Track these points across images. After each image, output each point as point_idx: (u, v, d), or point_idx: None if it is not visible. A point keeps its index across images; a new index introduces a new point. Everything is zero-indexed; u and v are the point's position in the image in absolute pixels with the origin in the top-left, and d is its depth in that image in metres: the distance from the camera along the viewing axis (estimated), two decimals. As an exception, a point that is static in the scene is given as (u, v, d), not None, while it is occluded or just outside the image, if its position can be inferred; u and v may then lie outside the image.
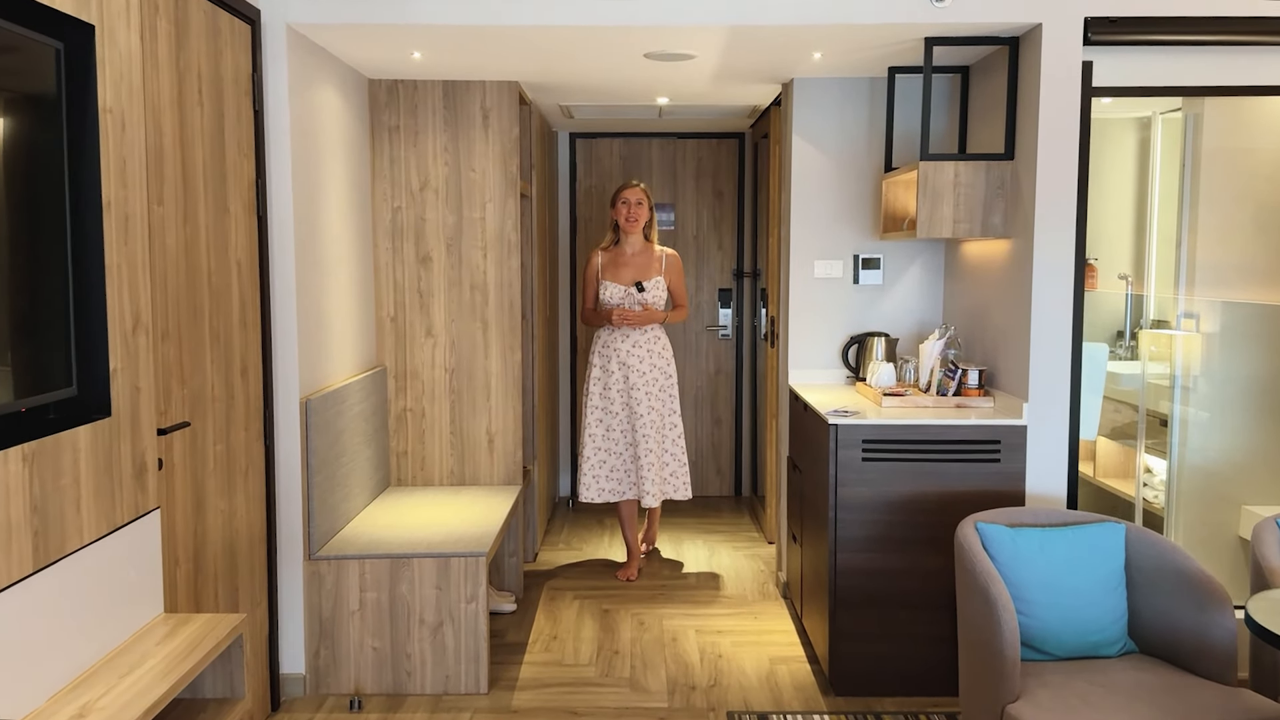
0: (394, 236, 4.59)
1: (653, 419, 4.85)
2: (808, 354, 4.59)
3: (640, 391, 4.84)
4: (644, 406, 4.84)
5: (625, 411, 4.88)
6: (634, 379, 4.85)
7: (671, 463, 4.97)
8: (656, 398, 4.88)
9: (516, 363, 4.67)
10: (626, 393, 4.86)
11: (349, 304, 4.20)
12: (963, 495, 3.61)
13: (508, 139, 4.59)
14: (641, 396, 4.84)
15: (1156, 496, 4.55)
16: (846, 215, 4.55)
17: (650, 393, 4.86)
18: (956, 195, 3.76)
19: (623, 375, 4.86)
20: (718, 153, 6.49)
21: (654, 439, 4.86)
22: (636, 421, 4.85)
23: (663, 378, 4.92)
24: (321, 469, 3.73)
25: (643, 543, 5.30)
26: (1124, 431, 4.81)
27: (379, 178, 4.57)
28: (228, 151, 3.18)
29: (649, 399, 4.84)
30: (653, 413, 4.85)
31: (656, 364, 4.89)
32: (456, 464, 4.70)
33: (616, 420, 4.89)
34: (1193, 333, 4.44)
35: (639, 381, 4.85)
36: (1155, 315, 4.70)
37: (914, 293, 4.57)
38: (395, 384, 4.66)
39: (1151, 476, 4.60)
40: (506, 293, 4.64)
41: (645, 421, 4.84)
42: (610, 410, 4.89)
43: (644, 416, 4.84)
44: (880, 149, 4.52)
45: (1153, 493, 4.57)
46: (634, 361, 4.85)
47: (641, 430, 4.84)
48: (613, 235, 5.00)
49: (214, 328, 3.08)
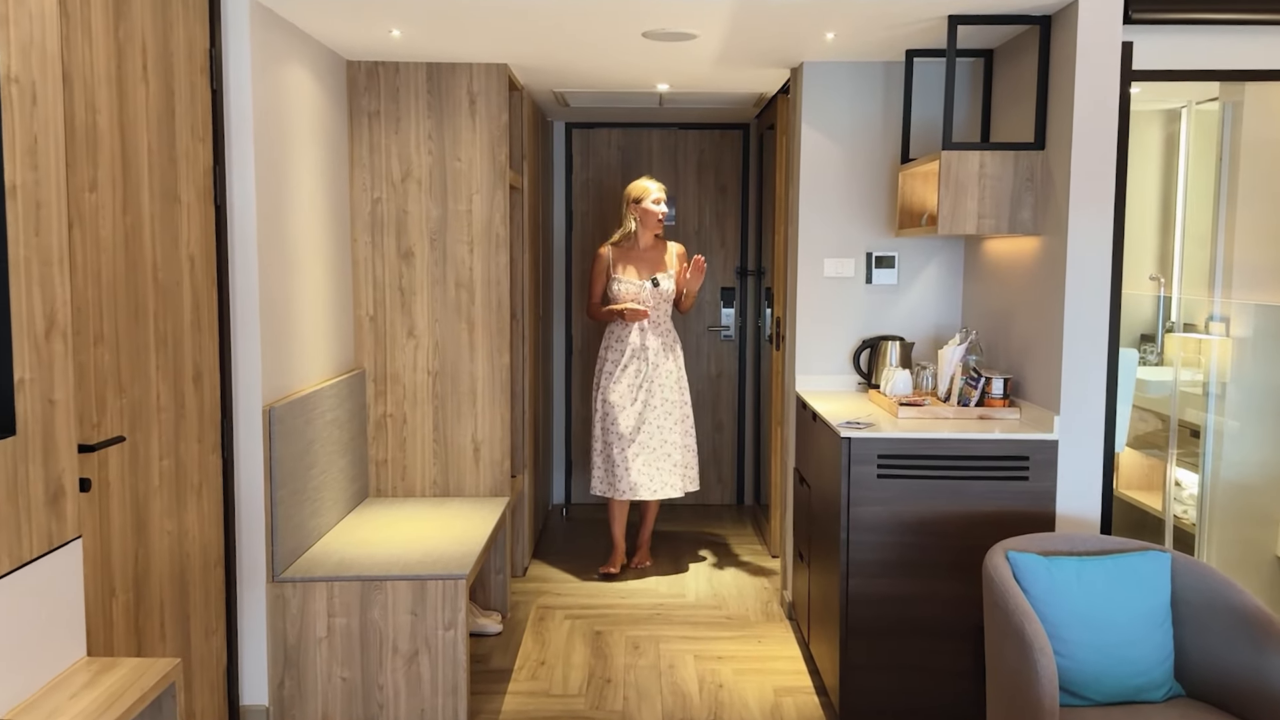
0: (373, 230, 4.29)
1: (669, 410, 4.84)
2: (816, 358, 4.28)
3: (656, 385, 4.83)
4: (658, 399, 4.83)
5: (639, 406, 4.82)
6: (649, 372, 4.82)
7: (686, 454, 4.95)
8: (672, 389, 4.86)
9: (505, 365, 4.36)
10: (640, 388, 4.82)
11: (323, 302, 3.89)
12: (987, 516, 3.30)
13: (496, 126, 4.27)
14: (657, 389, 4.82)
15: (1186, 512, 4.24)
16: (859, 210, 4.24)
17: (666, 385, 4.84)
18: (981, 188, 3.44)
19: (636, 369, 4.82)
20: (721, 145, 6.18)
21: (672, 432, 4.85)
22: (651, 414, 4.82)
23: (676, 370, 4.91)
24: (287, 482, 3.42)
25: (637, 558, 5.13)
26: (1149, 441, 4.50)
27: (357, 167, 4.26)
28: (179, 134, 2.87)
29: (664, 391, 4.83)
30: (668, 404, 4.84)
31: (669, 357, 4.88)
32: (440, 474, 4.39)
33: (626, 415, 4.81)
34: (1222, 337, 4.13)
35: (655, 375, 4.82)
36: (1182, 318, 4.39)
37: (931, 294, 4.26)
38: (374, 388, 4.35)
39: (1181, 490, 4.29)
40: (494, 291, 4.33)
41: (660, 413, 4.83)
42: (622, 406, 4.82)
43: (658, 409, 4.83)
44: (896, 139, 4.20)
45: (1182, 508, 4.27)
46: (648, 355, 4.83)
47: (659, 423, 4.82)
48: (630, 231, 4.89)
49: (161, 330, 2.77)
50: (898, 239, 4.23)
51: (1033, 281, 3.50)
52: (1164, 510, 4.29)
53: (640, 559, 5.09)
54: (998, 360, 3.81)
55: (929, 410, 3.58)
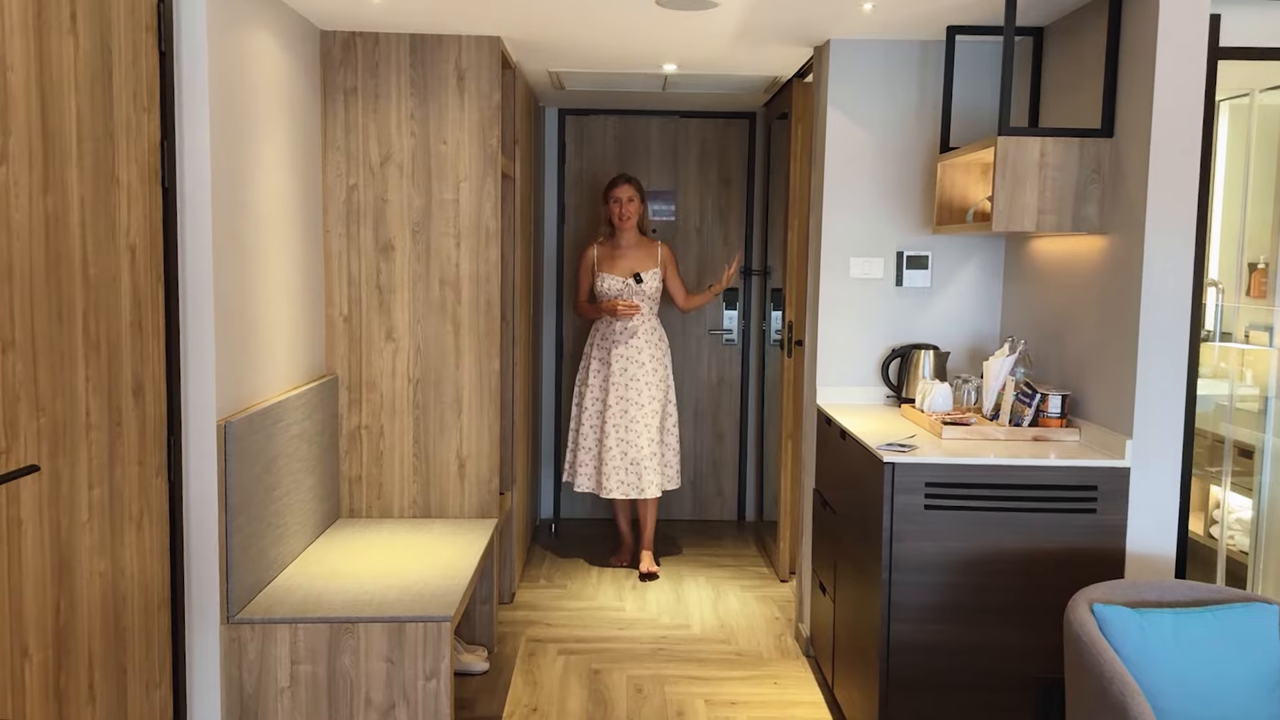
0: (348, 220, 3.83)
1: (653, 409, 4.78)
2: (840, 368, 3.87)
3: (640, 383, 4.76)
4: (644, 397, 4.76)
5: (623, 404, 4.77)
6: (634, 370, 4.76)
7: (667, 453, 4.90)
8: (656, 387, 4.80)
9: (494, 372, 3.92)
10: (625, 385, 4.76)
11: (290, 301, 3.44)
12: (1050, 554, 2.89)
13: (487, 106, 3.83)
14: (642, 388, 4.76)
15: (1234, 538, 3.87)
16: (890, 205, 3.82)
17: (650, 383, 4.78)
18: (1042, 179, 3.04)
19: (621, 368, 4.76)
20: (725, 135, 5.75)
21: (654, 430, 4.79)
22: (636, 412, 4.76)
23: (660, 369, 4.84)
24: (245, 507, 2.97)
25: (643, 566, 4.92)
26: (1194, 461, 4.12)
27: (331, 149, 3.81)
28: (118, 101, 2.42)
29: (649, 389, 4.77)
30: (654, 402, 4.78)
31: (655, 355, 4.82)
32: (420, 492, 3.95)
33: (612, 413, 4.77)
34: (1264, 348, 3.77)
35: (639, 373, 4.76)
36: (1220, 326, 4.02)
37: (967, 298, 3.85)
38: (348, 396, 3.90)
39: (1230, 516, 3.92)
40: (483, 289, 3.89)
41: (646, 412, 4.76)
42: (607, 403, 4.78)
43: (644, 407, 4.76)
44: (931, 126, 3.80)
45: (1232, 535, 3.89)
46: (633, 354, 4.77)
47: (643, 421, 4.76)
48: (607, 229, 4.94)
49: (92, 333, 2.32)
50: (930, 237, 3.82)
51: (1096, 286, 3.09)
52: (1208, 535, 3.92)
53: (646, 566, 4.89)
54: (1049, 374, 3.40)
55: (977, 430, 3.17)
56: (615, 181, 4.86)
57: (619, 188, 4.83)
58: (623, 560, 5.01)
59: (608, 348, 4.80)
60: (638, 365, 4.77)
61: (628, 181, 4.84)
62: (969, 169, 3.54)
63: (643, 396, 4.76)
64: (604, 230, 4.97)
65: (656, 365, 4.82)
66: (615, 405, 4.76)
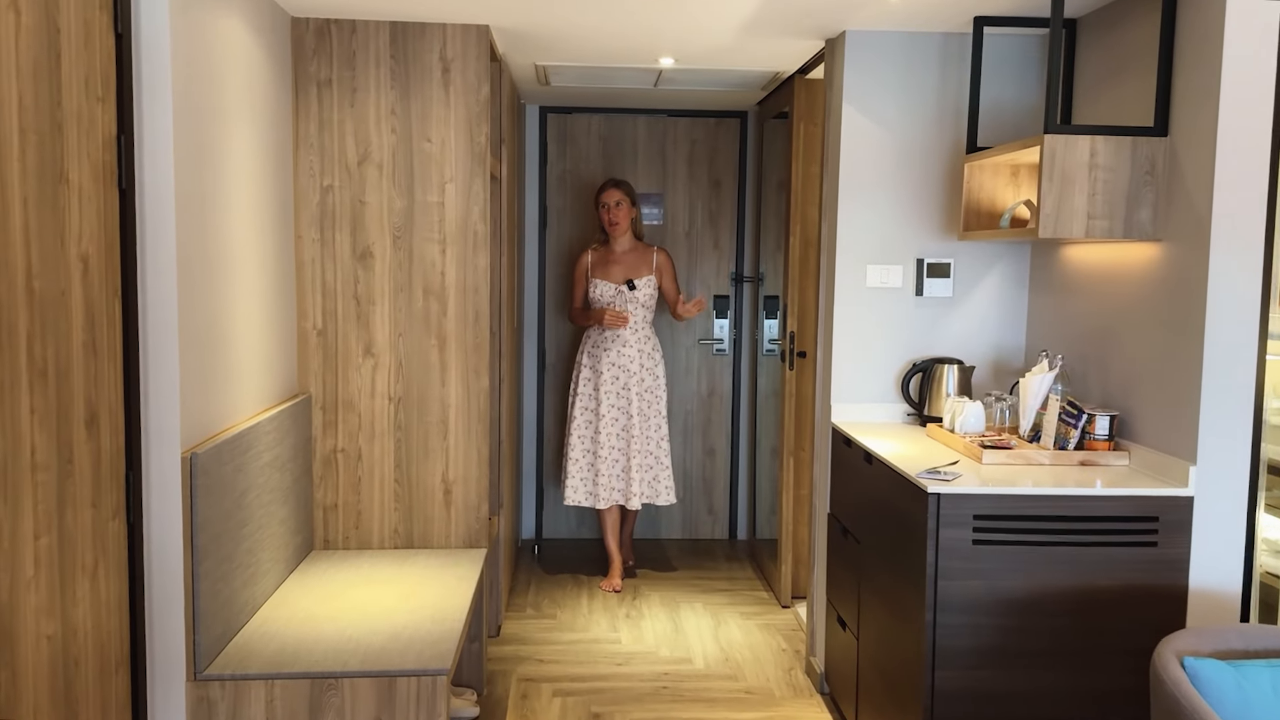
0: (323, 225, 3.51)
1: (643, 419, 4.69)
2: (856, 383, 3.61)
3: (632, 392, 4.66)
4: (635, 408, 4.67)
5: (615, 413, 4.68)
6: (625, 379, 4.67)
7: (655, 465, 4.77)
8: (646, 399, 4.70)
9: (483, 390, 3.61)
10: (616, 394, 4.67)
11: (259, 314, 3.11)
12: (1107, 592, 2.64)
13: (475, 100, 3.53)
14: (633, 397, 4.66)
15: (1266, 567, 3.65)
16: (910, 208, 3.57)
17: (641, 394, 4.68)
18: (1093, 182, 2.79)
19: (613, 376, 4.67)
20: (716, 135, 5.48)
21: (645, 440, 4.72)
22: (628, 423, 4.67)
23: (650, 379, 4.73)
24: (214, 549, 2.64)
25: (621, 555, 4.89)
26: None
27: (304, 147, 3.48)
28: (67, 89, 2.09)
29: (640, 399, 4.68)
30: (643, 413, 4.69)
31: (646, 365, 4.71)
32: (402, 521, 3.63)
33: (605, 423, 4.67)
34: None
35: (631, 382, 4.67)
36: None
37: (990, 309, 3.61)
38: (323, 417, 3.57)
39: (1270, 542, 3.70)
40: (471, 300, 3.58)
41: (636, 423, 4.68)
42: (599, 412, 4.67)
43: (634, 418, 4.67)
44: (954, 124, 3.55)
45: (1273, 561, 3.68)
46: (625, 362, 4.67)
47: (633, 432, 4.68)
48: (601, 235, 4.81)
49: (37, 357, 1.99)
50: (953, 243, 3.57)
51: (1149, 298, 2.85)
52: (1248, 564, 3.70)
53: (625, 555, 4.95)
54: (1089, 392, 3.16)
55: (1020, 454, 2.92)
56: (604, 186, 4.73)
57: (606, 192, 4.70)
58: (614, 585, 4.75)
59: (599, 355, 4.69)
60: (628, 374, 4.66)
61: (616, 186, 4.70)
62: (998, 171, 3.30)
63: (632, 406, 4.65)
64: (598, 236, 4.84)
65: (646, 374, 4.70)
66: (607, 414, 4.66)
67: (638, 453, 4.69)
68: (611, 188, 4.69)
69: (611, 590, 4.72)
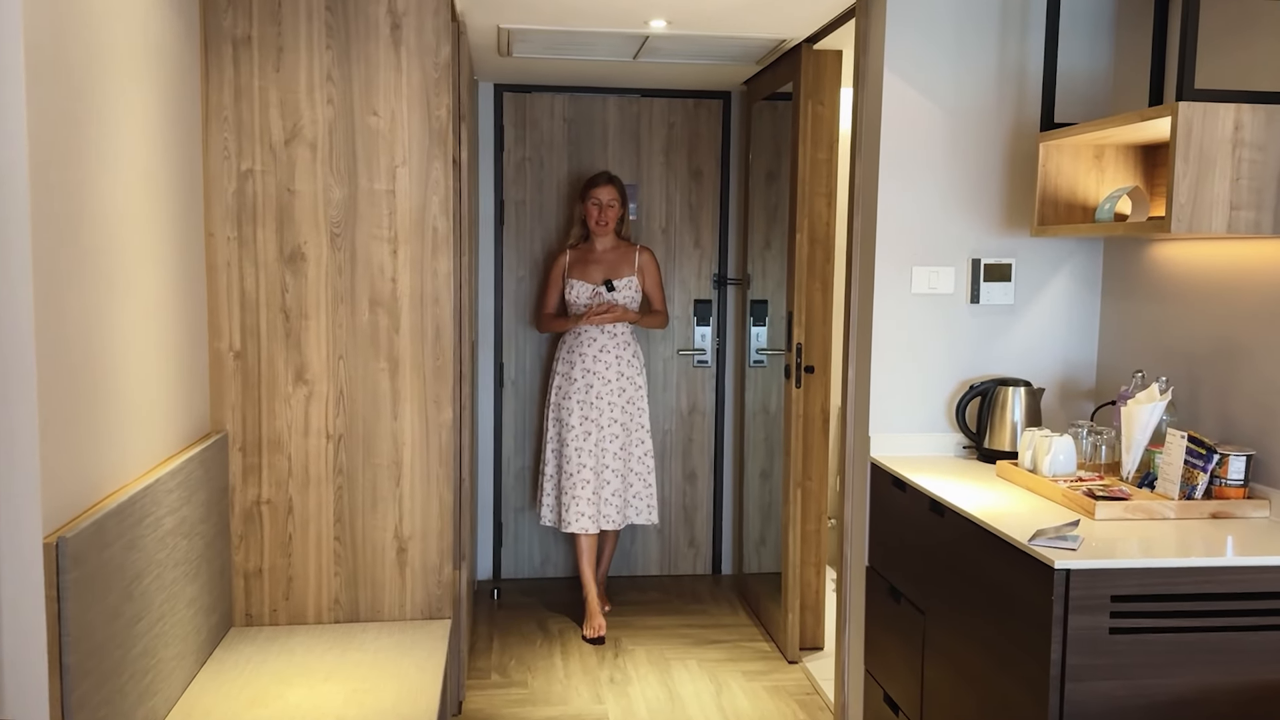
0: (241, 219, 2.79)
1: (615, 432, 4.20)
2: (898, 409, 3.00)
3: (604, 402, 4.18)
4: (606, 418, 4.19)
5: (586, 425, 4.17)
6: (599, 387, 4.18)
7: (636, 483, 4.30)
8: (623, 410, 4.22)
9: (445, 424, 2.92)
10: (589, 404, 4.17)
11: (156, 335, 2.38)
12: (1269, 689, 2.06)
13: (432, 64, 2.84)
14: (605, 407, 4.18)
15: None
16: (964, 198, 2.97)
17: (615, 404, 4.20)
18: (1236, 163, 2.20)
19: (586, 384, 4.18)
20: (695, 118, 4.83)
21: (626, 457, 4.25)
22: (604, 437, 4.18)
23: (630, 387, 4.24)
24: (95, 666, 1.92)
25: (586, 626, 4.18)
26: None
27: (216, 121, 2.76)
28: None
29: (612, 410, 4.19)
30: (615, 425, 4.20)
31: (625, 371, 4.23)
32: (345, 588, 2.92)
33: (580, 437, 4.16)
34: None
35: (604, 390, 4.18)
36: None
37: (1058, 318, 3.02)
38: (243, 461, 2.85)
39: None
40: (430, 312, 2.89)
41: (607, 434, 4.19)
42: (574, 425, 4.17)
43: (606, 429, 4.18)
44: (1016, 95, 2.95)
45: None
46: (599, 368, 4.18)
47: (613, 447, 4.20)
48: (580, 231, 4.32)
49: None
50: (1014, 241, 2.98)
51: (1299, 309, 2.27)
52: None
53: (591, 629, 4.17)
54: (1199, 424, 2.58)
55: (1139, 506, 2.32)
56: (595, 180, 4.22)
57: (600, 189, 4.20)
58: (596, 629, 4.12)
59: (573, 362, 4.21)
60: (604, 383, 4.18)
61: (610, 182, 4.21)
62: (1079, 153, 2.70)
63: (604, 418, 4.18)
64: (576, 233, 4.32)
65: (627, 384, 4.23)
66: (579, 427, 4.17)
67: (619, 471, 4.22)
68: (605, 184, 4.19)
69: (594, 636, 4.10)
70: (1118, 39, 2.95)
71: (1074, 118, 2.86)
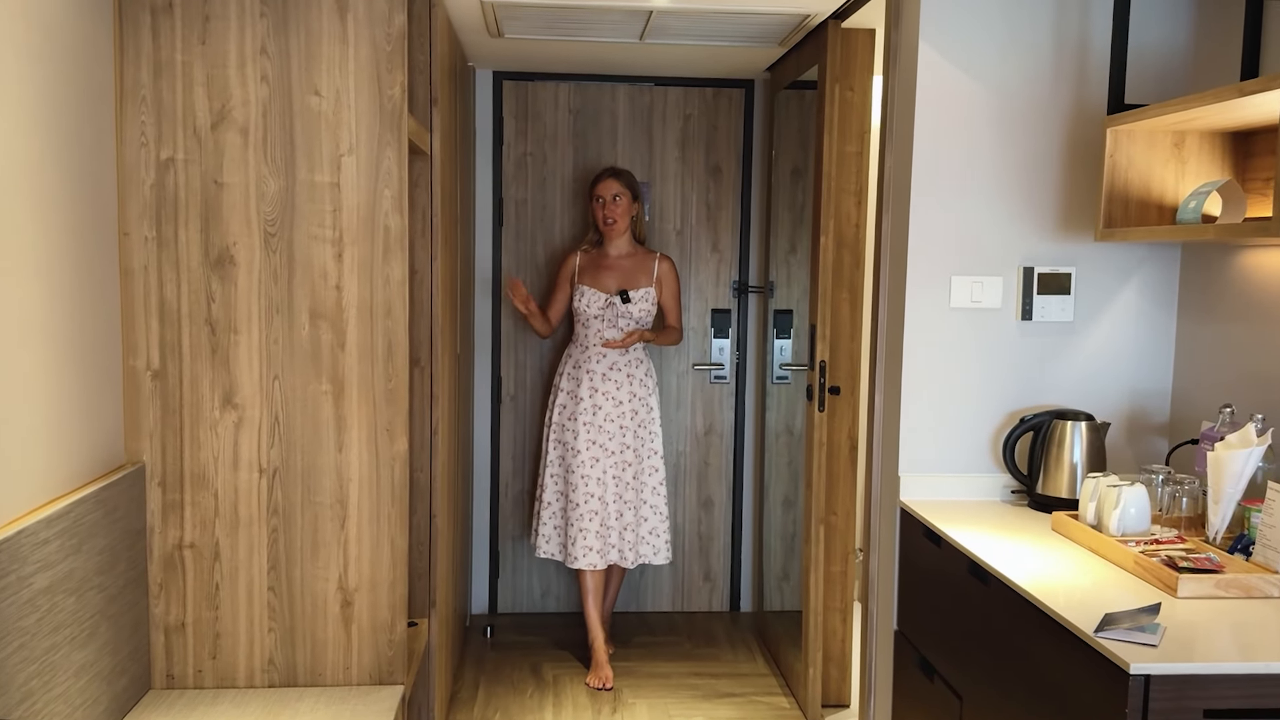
0: (161, 216, 2.39)
1: (627, 459, 3.83)
2: (933, 445, 2.53)
3: (615, 425, 3.81)
4: (616, 444, 3.81)
5: (592, 450, 3.78)
6: (608, 408, 3.80)
7: (651, 516, 3.91)
8: (634, 434, 3.85)
9: (399, 456, 2.50)
10: (596, 427, 3.79)
11: (53, 351, 1.98)
12: None
13: (384, 34, 2.42)
14: (615, 431, 3.81)
15: None
16: (1014, 195, 2.50)
17: (626, 428, 3.83)
18: (1368, 147, 1.72)
19: (593, 405, 3.80)
20: (714, 109, 4.39)
21: (638, 487, 3.86)
22: (614, 464, 3.80)
23: (643, 409, 3.88)
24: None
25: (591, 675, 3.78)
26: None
27: (131, 102, 2.36)
28: None
29: (623, 435, 3.82)
30: (626, 451, 3.83)
31: (637, 392, 3.86)
32: (281, 647, 2.51)
33: (585, 463, 3.77)
34: None
35: (614, 412, 3.81)
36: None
37: (1125, 340, 2.55)
38: (163, 498, 2.45)
39: None
40: (381, 325, 2.47)
41: (618, 462, 3.81)
42: (574, 449, 3.78)
43: (616, 455, 3.80)
44: (1076, 75, 2.48)
45: None
46: (608, 388, 3.82)
47: (623, 476, 3.81)
48: (594, 234, 3.96)
49: None
50: (1076, 246, 2.51)
51: None
52: None
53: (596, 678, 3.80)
54: (1306, 469, 2.09)
55: (1234, 581, 1.84)
56: (599, 176, 3.88)
57: (602, 183, 3.86)
58: (603, 679, 3.73)
59: (579, 379, 3.84)
60: (614, 404, 3.82)
61: (614, 175, 3.86)
62: (1154, 141, 2.23)
63: (614, 444, 3.81)
64: (591, 236, 3.97)
65: (639, 405, 3.87)
66: (585, 452, 3.79)
67: (628, 502, 3.84)
68: (609, 178, 3.84)
69: (601, 687, 3.70)
70: (1200, 6, 2.46)
71: (1146, 99, 2.39)
